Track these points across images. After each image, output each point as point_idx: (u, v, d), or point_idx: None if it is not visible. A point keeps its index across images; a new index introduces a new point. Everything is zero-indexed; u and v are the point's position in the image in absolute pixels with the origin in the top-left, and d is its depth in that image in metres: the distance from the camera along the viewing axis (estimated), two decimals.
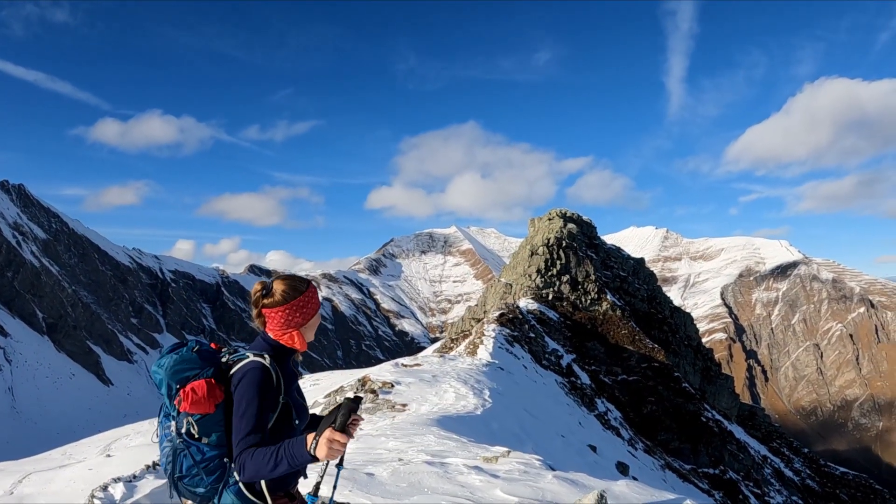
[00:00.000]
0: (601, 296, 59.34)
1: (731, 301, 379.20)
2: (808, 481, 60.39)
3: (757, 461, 53.73)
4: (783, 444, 69.20)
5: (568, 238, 64.50)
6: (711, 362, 71.17)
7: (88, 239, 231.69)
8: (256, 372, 4.13)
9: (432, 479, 8.95)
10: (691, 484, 37.26)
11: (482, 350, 32.88)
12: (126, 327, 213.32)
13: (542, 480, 8.69)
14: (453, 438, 12.52)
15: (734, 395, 70.05)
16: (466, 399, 19.01)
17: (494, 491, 8.28)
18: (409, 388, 20.09)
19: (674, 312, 72.95)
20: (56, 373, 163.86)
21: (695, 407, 51.36)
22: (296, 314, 4.40)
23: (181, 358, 4.22)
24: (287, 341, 4.43)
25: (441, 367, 24.57)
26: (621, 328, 55.54)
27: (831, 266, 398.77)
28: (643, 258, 79.39)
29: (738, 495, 42.85)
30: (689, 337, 70.82)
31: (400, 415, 16.51)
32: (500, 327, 40.04)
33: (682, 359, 63.60)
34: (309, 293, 4.48)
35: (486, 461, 10.08)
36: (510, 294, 59.46)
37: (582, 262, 62.15)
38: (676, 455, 44.76)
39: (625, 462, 24.76)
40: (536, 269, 59.97)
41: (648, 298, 69.64)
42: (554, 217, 70.47)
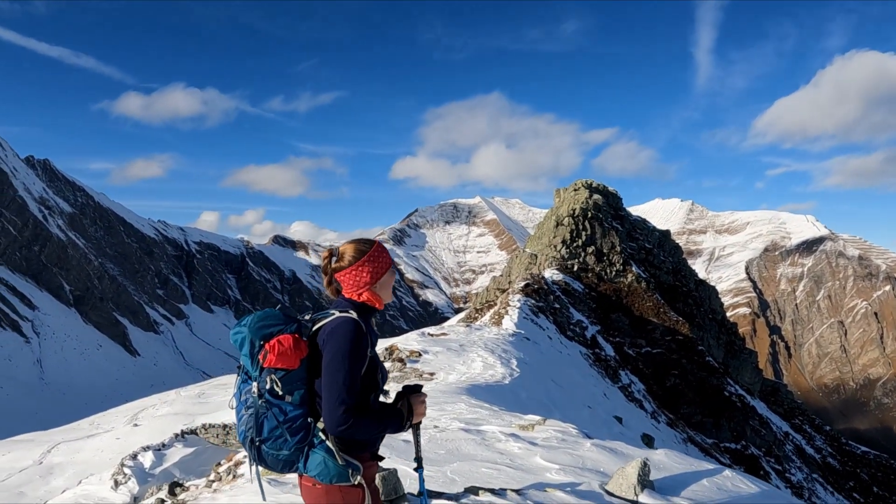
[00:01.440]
0: (626, 267, 59.09)
1: (755, 275, 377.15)
2: (828, 459, 60.16)
3: (779, 437, 53.57)
4: (805, 422, 68.93)
5: (593, 209, 64.18)
6: (735, 337, 70.87)
7: (114, 212, 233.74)
8: (349, 324, 4.11)
9: (470, 445, 8.96)
10: (713, 458, 37.16)
11: (507, 320, 32.82)
12: (152, 298, 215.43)
13: (581, 448, 8.67)
14: (484, 407, 12.49)
15: (757, 370, 69.79)
16: (494, 368, 19.00)
17: (534, 458, 8.26)
18: (436, 358, 20.14)
19: (699, 286, 72.61)
20: (83, 344, 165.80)
21: (718, 381, 51.21)
22: (365, 273, 4.39)
23: (265, 314, 4.21)
24: (366, 297, 4.42)
25: (468, 337, 24.55)
26: (646, 300, 55.35)
27: (858, 243, 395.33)
28: (669, 230, 78.95)
29: (760, 471, 42.75)
30: (714, 310, 70.52)
31: (428, 383, 16.49)
32: (526, 298, 39.95)
33: (706, 332, 63.36)
34: (375, 251, 4.45)
35: (522, 429, 10.04)
36: (535, 265, 59.30)
37: (607, 233, 61.87)
38: (698, 429, 44.70)
39: (650, 434, 24.72)
40: (562, 240, 59.76)
41: (673, 271, 69.32)
42: (580, 187, 70.12)
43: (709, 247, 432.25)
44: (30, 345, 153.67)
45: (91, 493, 9.67)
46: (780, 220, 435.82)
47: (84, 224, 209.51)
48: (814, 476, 51.49)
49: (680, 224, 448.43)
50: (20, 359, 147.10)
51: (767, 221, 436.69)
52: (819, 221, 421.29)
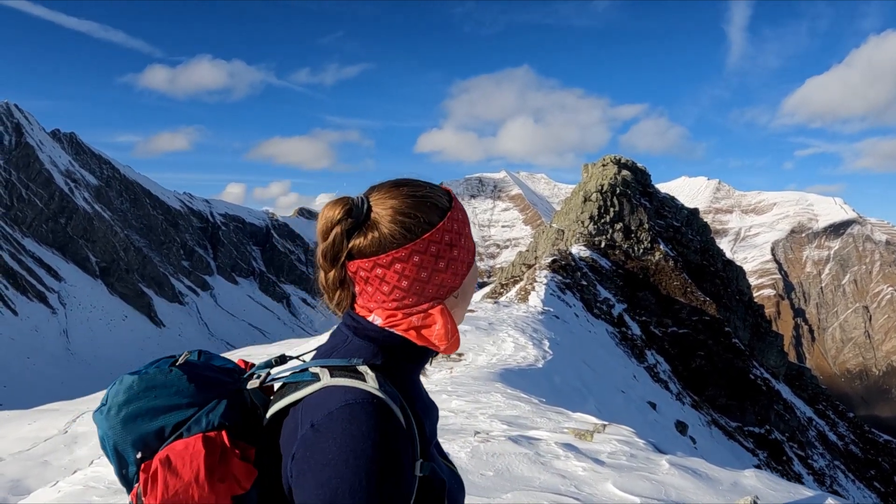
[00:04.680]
0: (654, 245, 58.49)
1: (781, 257, 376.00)
2: (851, 447, 59.54)
3: (802, 423, 53.11)
4: (829, 407, 68.29)
5: (622, 185, 63.50)
6: (762, 319, 70.19)
7: (139, 184, 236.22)
8: (361, 415, 1.75)
9: (523, 464, 7.22)
10: (736, 442, 36.86)
11: (534, 296, 32.40)
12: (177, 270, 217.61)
13: (658, 470, 7.21)
14: (522, 398, 11.61)
15: (783, 353, 69.13)
16: (526, 350, 18.47)
17: (606, 485, 6.61)
18: (464, 337, 19.42)
19: (727, 266, 71.88)
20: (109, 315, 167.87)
21: (743, 363, 50.70)
22: (432, 266, 1.99)
23: (147, 383, 1.95)
24: (415, 333, 2.03)
25: (496, 315, 24.09)
26: (673, 279, 54.78)
27: (886, 227, 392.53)
28: (697, 209, 78.17)
29: (783, 456, 42.35)
30: (741, 291, 69.81)
31: (457, 365, 16.02)
32: (552, 274, 39.53)
33: (733, 313, 62.71)
34: (455, 213, 2.06)
35: (578, 437, 8.55)
36: (562, 240, 58.81)
37: (635, 210, 61.23)
38: (723, 412, 44.24)
39: (683, 421, 24.40)
40: (589, 216, 59.19)
41: (701, 250, 68.60)
42: (608, 163, 69.39)
43: (735, 226, 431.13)
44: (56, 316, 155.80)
45: (102, 475, 9.26)
46: (808, 201, 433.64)
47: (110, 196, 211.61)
48: (836, 463, 51.02)
49: (706, 203, 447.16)
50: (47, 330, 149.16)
51: (795, 203, 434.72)
52: (847, 204, 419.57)
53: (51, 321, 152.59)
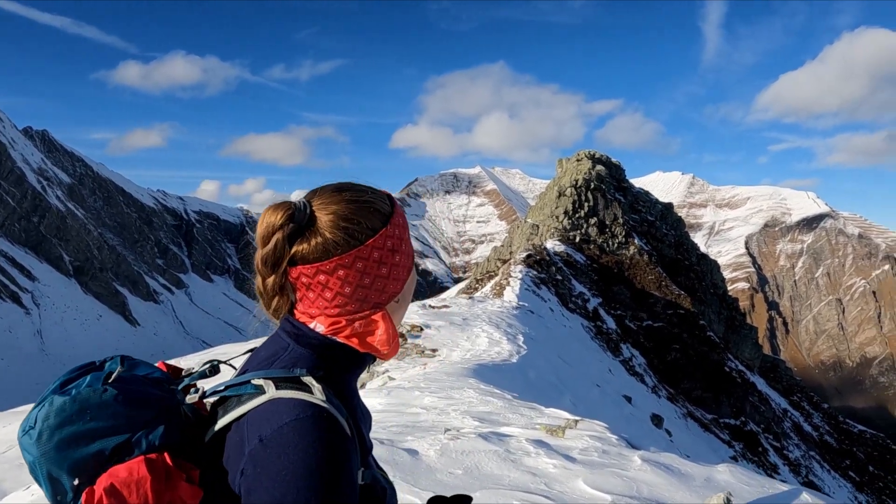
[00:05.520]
0: (628, 240, 58.63)
1: (755, 251, 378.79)
2: (826, 437, 60.04)
3: (777, 414, 53.45)
4: (803, 399, 68.77)
5: (596, 180, 63.59)
6: (736, 312, 70.56)
7: (113, 182, 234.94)
8: (307, 427, 1.66)
9: (493, 461, 7.08)
10: (712, 434, 37.04)
11: (509, 292, 32.37)
12: (152, 268, 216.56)
13: (630, 465, 7.08)
14: (496, 394, 11.47)
15: (757, 346, 69.52)
16: (500, 345, 18.38)
17: (577, 482, 6.46)
18: (438, 332, 19.52)
19: (701, 259, 72.15)
20: (83, 315, 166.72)
21: (718, 356, 50.94)
22: (378, 272, 1.93)
23: (81, 405, 1.76)
24: (357, 340, 1.98)
25: (471, 310, 24.02)
26: (648, 273, 54.92)
27: (858, 221, 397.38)
28: (671, 203, 78.42)
29: (758, 447, 42.64)
30: (716, 285, 70.10)
31: (431, 361, 15.90)
32: (527, 269, 39.50)
33: (708, 307, 62.98)
34: (396, 219, 2.02)
35: (550, 433, 8.43)
36: (536, 235, 58.81)
37: (610, 204, 61.34)
38: (699, 404, 44.43)
39: (659, 414, 24.44)
40: (564, 211, 59.22)
41: (676, 244, 68.83)
42: (583, 158, 69.45)
43: (709, 221, 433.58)
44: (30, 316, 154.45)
45: None
46: (781, 195, 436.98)
47: (83, 194, 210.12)
48: (811, 453, 51.42)
49: (681, 197, 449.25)
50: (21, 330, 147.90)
51: (768, 197, 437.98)
52: (820, 198, 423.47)
53: (24, 321, 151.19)
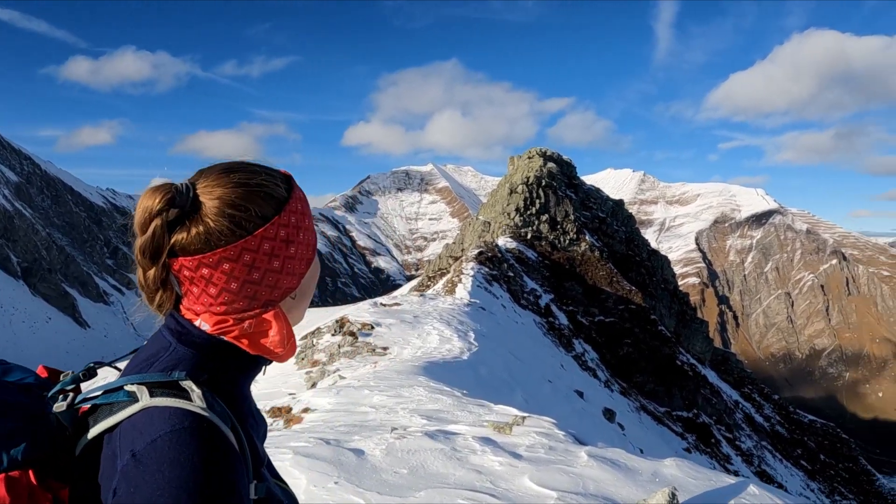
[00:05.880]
0: (580, 236, 58.88)
1: (705, 246, 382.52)
2: (777, 427, 60.94)
3: (729, 406, 54.02)
4: (754, 390, 69.70)
5: (548, 177, 63.80)
6: (687, 306, 71.19)
7: (61, 180, 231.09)
8: (185, 451, 1.43)
9: (439, 460, 6.98)
10: (665, 427, 37.25)
11: (461, 289, 32.33)
12: (102, 269, 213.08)
13: (577, 462, 6.99)
14: (445, 391, 11.34)
15: (708, 339, 70.19)
16: (451, 342, 18.29)
17: (522, 479, 6.43)
18: (389, 330, 19.36)
19: (651, 255, 72.68)
20: (32, 317, 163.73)
21: (670, 350, 51.34)
22: (269, 266, 1.70)
23: None
24: (247, 341, 1.75)
25: (422, 308, 23.93)
26: (599, 269, 55.19)
27: (806, 217, 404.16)
28: (622, 200, 78.93)
29: (711, 439, 43.01)
30: (666, 280, 70.67)
31: (382, 359, 15.77)
32: (479, 266, 39.47)
33: (659, 302, 63.46)
34: (293, 204, 1.77)
35: (497, 430, 8.26)
36: (488, 232, 58.86)
37: (561, 201, 61.56)
38: (651, 397, 44.72)
39: (611, 408, 24.50)
40: (515, 208, 59.32)
41: (627, 240, 69.27)
42: (534, 155, 69.63)
43: (659, 217, 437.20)
44: None
45: None
46: (731, 192, 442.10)
47: (31, 193, 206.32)
48: (763, 443, 52.10)
49: (631, 194, 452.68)
50: None
51: (718, 194, 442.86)
52: (769, 195, 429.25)
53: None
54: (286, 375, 15.89)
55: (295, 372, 16.12)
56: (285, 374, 16.02)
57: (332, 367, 14.96)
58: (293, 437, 7.98)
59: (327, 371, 14.69)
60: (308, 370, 15.82)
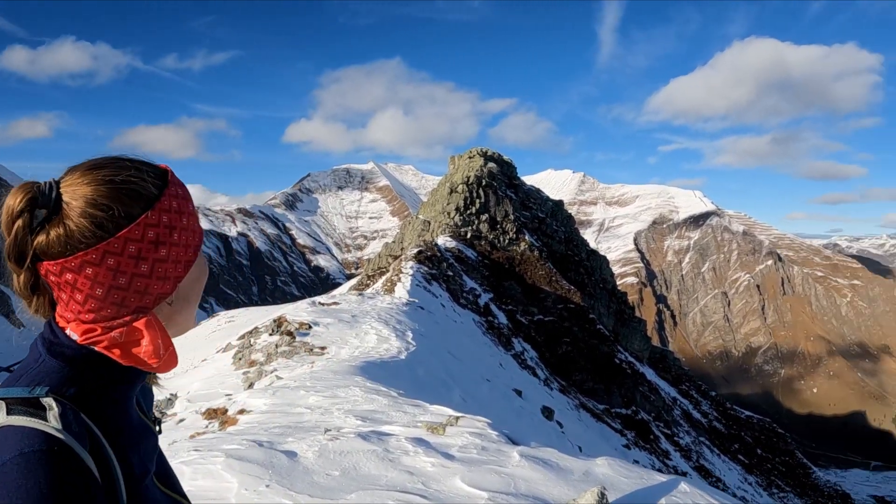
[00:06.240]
0: (519, 236, 59.06)
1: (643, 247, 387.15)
2: (714, 423, 61.76)
3: (667, 403, 54.54)
4: (692, 387, 70.56)
5: (488, 177, 63.91)
6: (625, 305, 71.76)
7: None
8: (33, 478, 1.25)
9: (371, 461, 6.93)
10: (604, 424, 37.44)
11: (400, 288, 32.23)
12: None
13: (509, 462, 6.97)
14: (381, 392, 11.24)
15: (646, 337, 70.87)
16: (389, 342, 18.15)
17: (453, 480, 6.39)
18: (327, 330, 19.09)
19: (590, 255, 73.16)
20: None
21: (609, 348, 51.70)
22: (136, 269, 1.54)
23: None
24: (119, 351, 1.60)
25: (360, 307, 23.74)
26: (538, 269, 55.39)
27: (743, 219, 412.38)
28: (562, 200, 79.37)
29: (650, 435, 43.39)
30: (605, 280, 71.17)
31: (319, 359, 15.58)
32: (418, 265, 39.39)
33: (597, 301, 63.88)
34: (166, 202, 1.61)
35: (431, 431, 8.21)
36: (428, 231, 58.78)
37: (501, 201, 61.69)
38: (590, 395, 44.97)
39: (550, 407, 24.52)
40: (455, 207, 59.33)
41: (566, 240, 69.66)
42: (475, 155, 69.72)
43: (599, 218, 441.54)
44: None
45: None
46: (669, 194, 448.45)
47: None
48: (701, 439, 52.72)
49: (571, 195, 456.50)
50: None
51: (657, 195, 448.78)
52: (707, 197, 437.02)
53: None
54: (223, 376, 15.69)
55: (232, 372, 15.92)
56: (222, 375, 15.82)
57: (269, 368, 14.75)
58: (227, 439, 7.82)
59: (265, 371, 14.49)
60: (245, 370, 15.61)
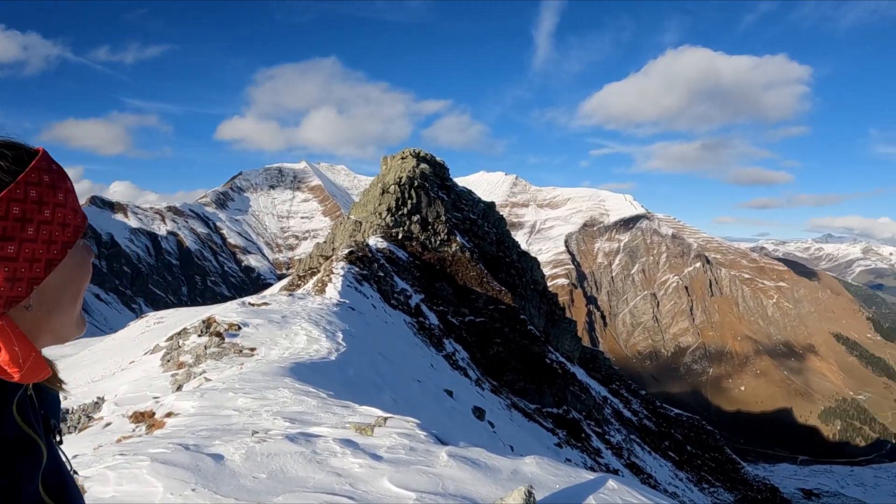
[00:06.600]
0: (451, 237, 59.13)
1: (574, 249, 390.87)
2: (645, 421, 62.57)
3: (598, 402, 55.09)
4: (622, 386, 71.43)
5: (420, 178, 63.88)
6: (556, 306, 72.30)
7: None
8: None
9: (298, 464, 6.83)
10: (536, 423, 37.63)
11: (331, 288, 32.06)
12: None
13: (437, 462, 6.95)
14: (311, 393, 11.10)
15: (577, 338, 71.50)
16: (319, 343, 18.04)
17: (381, 481, 6.38)
18: (257, 331, 19.00)
19: (521, 257, 73.57)
20: None
21: (540, 349, 51.99)
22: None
23: None
24: None
25: (290, 307, 23.56)
26: (470, 270, 55.51)
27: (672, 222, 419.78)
28: (493, 202, 79.72)
29: (581, 434, 43.77)
30: (536, 281, 71.62)
31: (248, 361, 15.41)
32: (349, 265, 39.23)
33: (528, 302, 64.25)
34: (18, 191, 1.46)
35: (359, 432, 8.17)
36: (359, 232, 58.55)
37: (433, 202, 61.71)
38: (522, 395, 45.18)
39: (481, 407, 24.56)
40: (387, 208, 59.20)
41: (497, 242, 69.93)
42: (407, 156, 69.67)
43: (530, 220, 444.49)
44: None
45: None
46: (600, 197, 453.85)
47: None
48: (632, 437, 53.38)
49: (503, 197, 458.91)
50: None
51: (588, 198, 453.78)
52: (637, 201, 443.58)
53: None
54: (151, 378, 15.46)
55: (160, 375, 15.70)
56: (150, 377, 15.58)
57: (198, 369, 14.56)
58: (153, 443, 7.70)
59: (193, 373, 14.31)
60: (174, 372, 15.39)
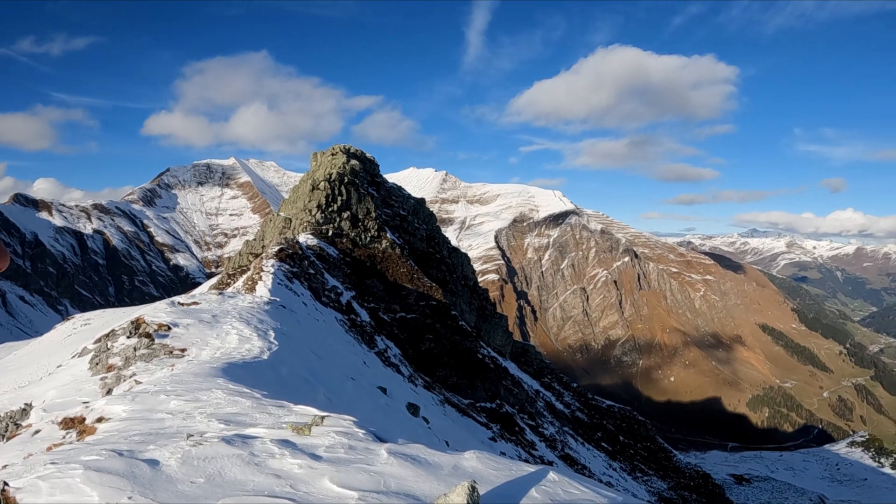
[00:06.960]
0: (381, 233, 59.01)
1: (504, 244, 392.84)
2: (577, 413, 63.21)
3: (530, 395, 55.45)
4: (554, 380, 72.03)
5: (350, 174, 63.63)
6: (487, 302, 72.62)
7: None
8: None
9: (237, 466, 6.68)
10: (470, 418, 37.74)
11: (261, 286, 31.80)
12: None
13: (377, 460, 6.87)
14: (245, 393, 10.93)
15: (508, 333, 71.93)
16: (251, 342, 17.85)
17: (322, 482, 6.26)
18: (187, 331, 18.70)
19: (452, 253, 73.74)
20: None
21: (471, 344, 52.16)
22: None
23: None
24: None
25: (221, 306, 23.27)
26: (400, 266, 55.48)
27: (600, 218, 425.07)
28: (424, 198, 79.75)
29: (515, 427, 44.00)
30: (466, 277, 71.84)
31: (179, 362, 15.14)
32: (280, 263, 38.96)
33: (460, 298, 64.43)
34: None
35: (297, 432, 8.03)
36: (289, 229, 58.14)
37: (363, 199, 61.52)
38: (455, 390, 45.29)
39: (415, 403, 24.55)
40: (317, 205, 58.85)
41: (427, 238, 69.99)
42: (337, 152, 69.35)
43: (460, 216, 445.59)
44: None
45: None
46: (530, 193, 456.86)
47: None
48: (565, 429, 53.85)
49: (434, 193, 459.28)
50: None
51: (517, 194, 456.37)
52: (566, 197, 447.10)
53: None
54: (80, 383, 15.14)
55: (89, 378, 15.39)
56: (79, 382, 15.27)
57: (128, 372, 14.27)
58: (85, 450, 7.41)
59: (123, 376, 14.02)
60: (103, 376, 15.09)
